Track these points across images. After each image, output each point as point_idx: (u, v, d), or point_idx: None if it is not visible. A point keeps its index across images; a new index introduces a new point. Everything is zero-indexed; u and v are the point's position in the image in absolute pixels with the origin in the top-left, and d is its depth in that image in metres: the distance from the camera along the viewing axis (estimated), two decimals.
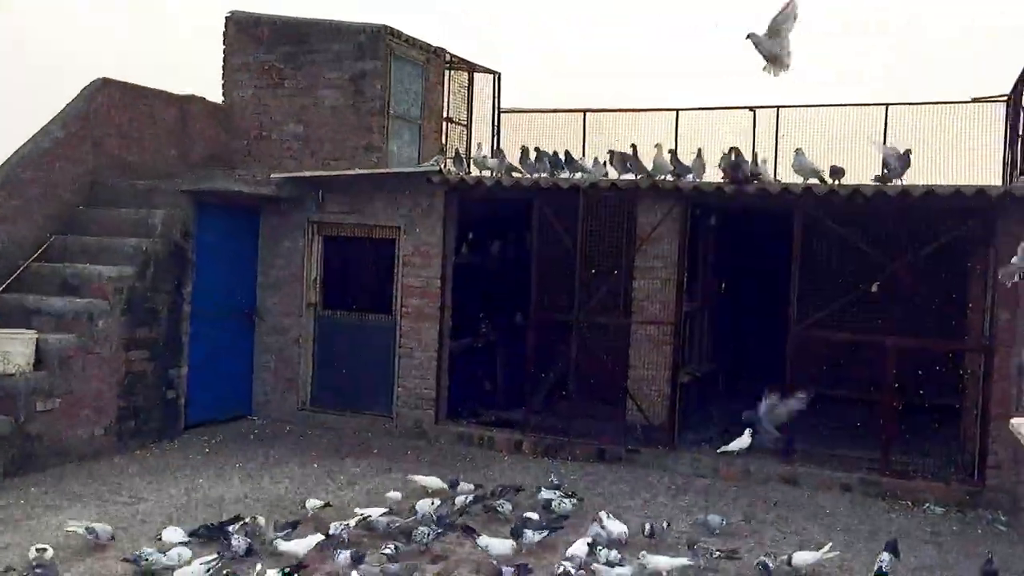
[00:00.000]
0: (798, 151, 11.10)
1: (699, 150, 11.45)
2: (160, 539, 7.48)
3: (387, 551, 7.28)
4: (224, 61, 13.74)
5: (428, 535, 7.68)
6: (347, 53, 13.04)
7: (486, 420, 12.54)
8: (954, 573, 7.86)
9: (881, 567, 7.30)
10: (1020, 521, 9.32)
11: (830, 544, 7.93)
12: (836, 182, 10.64)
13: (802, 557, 7.56)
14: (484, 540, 7.47)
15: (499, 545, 7.40)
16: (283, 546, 7.22)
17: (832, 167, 10.77)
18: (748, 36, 7.71)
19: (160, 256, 11.23)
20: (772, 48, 7.85)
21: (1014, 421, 5.39)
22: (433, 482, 9.22)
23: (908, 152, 10.66)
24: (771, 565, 7.37)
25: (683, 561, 7.32)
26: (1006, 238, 10.05)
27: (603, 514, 8.17)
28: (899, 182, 10.55)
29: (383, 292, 12.50)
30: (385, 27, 13.04)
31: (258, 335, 12.84)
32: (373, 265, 12.88)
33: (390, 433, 12.09)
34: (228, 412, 12.45)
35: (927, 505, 9.87)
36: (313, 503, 8.49)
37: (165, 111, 12.95)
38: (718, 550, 7.71)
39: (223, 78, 13.76)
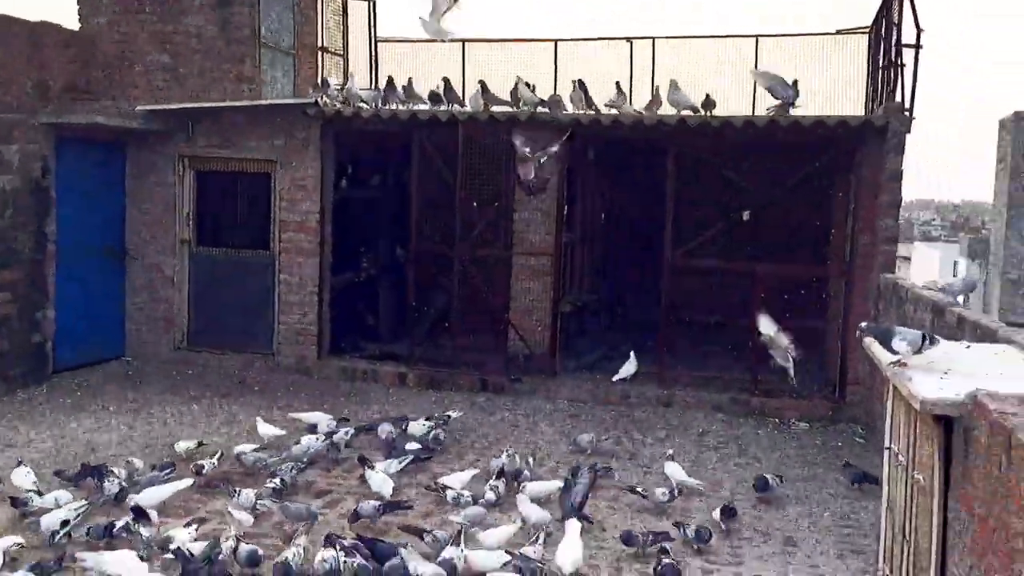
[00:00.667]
0: (673, 83, 11.27)
1: (578, 81, 11.46)
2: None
3: (272, 485, 7.29)
4: None
5: (292, 470, 7.67)
6: None
7: (370, 354, 12.52)
8: (818, 481, 8.35)
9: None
10: (875, 432, 9.95)
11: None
12: (708, 113, 10.86)
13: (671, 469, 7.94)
14: (370, 474, 7.49)
15: (379, 480, 7.40)
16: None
17: (705, 98, 10.96)
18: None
19: (18, 193, 10.66)
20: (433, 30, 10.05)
21: (867, 339, 5.70)
22: (312, 417, 9.14)
23: (796, 81, 10.89)
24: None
25: (556, 484, 7.43)
26: (867, 166, 10.54)
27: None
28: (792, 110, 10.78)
29: (261, 227, 12.22)
30: None
31: (129, 274, 12.41)
32: (249, 200, 12.55)
33: (272, 370, 11.95)
34: (100, 354, 12.05)
35: (792, 421, 10.43)
36: (184, 444, 8.30)
37: (15, 39, 12.11)
38: (598, 468, 7.93)
39: (78, 3, 12.96)
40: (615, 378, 10.86)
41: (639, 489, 7.58)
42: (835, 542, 6.91)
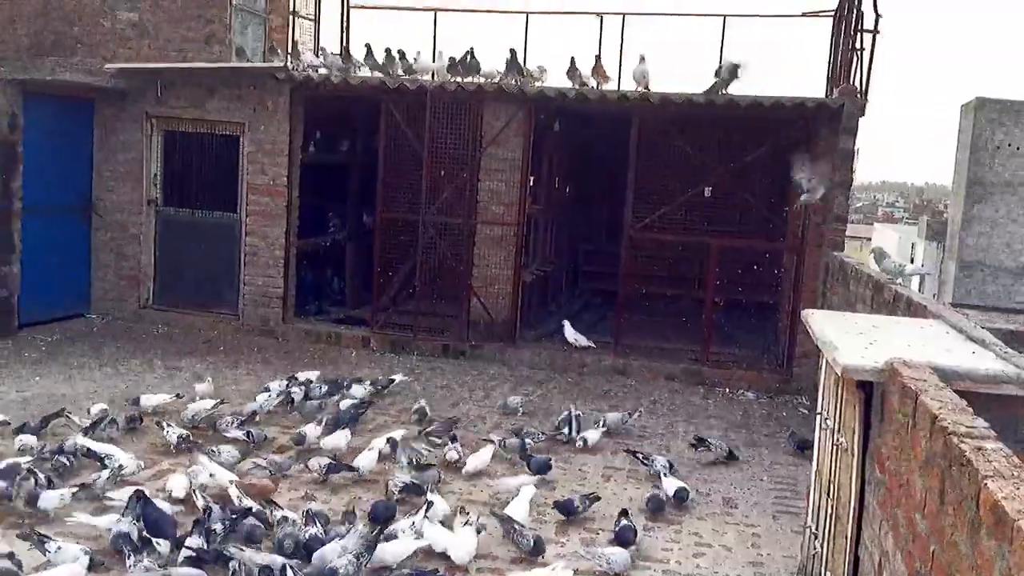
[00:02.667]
0: (641, 58, 11.46)
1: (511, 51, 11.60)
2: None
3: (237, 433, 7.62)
4: None
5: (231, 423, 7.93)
6: None
7: (335, 318, 12.73)
8: (760, 448, 8.72)
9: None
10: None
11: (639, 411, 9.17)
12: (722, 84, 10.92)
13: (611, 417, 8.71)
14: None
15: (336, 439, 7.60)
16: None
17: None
18: None
19: None
20: None
21: (805, 311, 6.03)
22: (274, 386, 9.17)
23: (736, 66, 11.10)
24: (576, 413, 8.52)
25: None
26: (821, 146, 10.87)
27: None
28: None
29: (228, 190, 12.33)
30: None
31: (96, 231, 12.49)
32: (217, 162, 12.64)
33: (237, 331, 12.12)
34: (65, 311, 12.15)
35: (741, 392, 10.81)
36: (149, 399, 8.48)
37: None
38: (542, 433, 8.28)
39: None
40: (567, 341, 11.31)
41: (639, 456, 7.83)
42: (772, 503, 7.28)
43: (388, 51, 11.79)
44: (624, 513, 6.37)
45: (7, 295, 11.21)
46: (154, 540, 5.37)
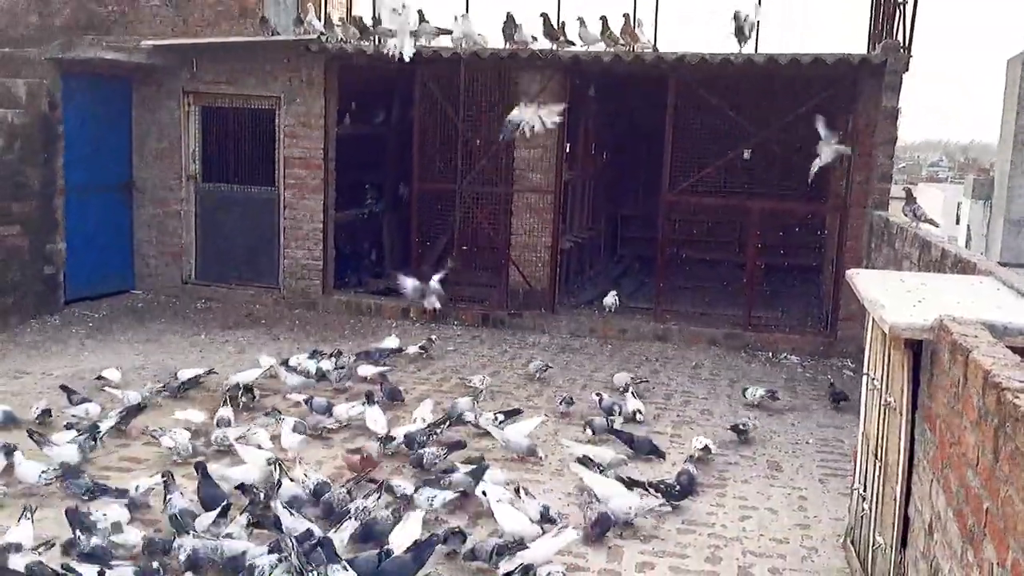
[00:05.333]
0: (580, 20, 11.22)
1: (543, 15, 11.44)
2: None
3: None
4: None
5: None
6: None
7: (374, 289, 12.78)
8: (806, 411, 8.63)
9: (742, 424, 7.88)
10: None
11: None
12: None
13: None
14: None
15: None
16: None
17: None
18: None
19: (27, 128, 10.82)
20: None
21: (850, 271, 5.91)
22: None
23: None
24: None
25: (536, 420, 7.53)
26: (864, 104, 10.64)
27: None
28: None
29: (266, 164, 12.38)
30: None
31: (137, 208, 12.62)
32: (254, 136, 12.68)
33: (278, 304, 12.22)
34: (110, 287, 12.32)
35: (783, 355, 10.69)
36: (187, 372, 8.56)
37: None
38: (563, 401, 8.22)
39: None
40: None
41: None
42: (817, 466, 7.21)
43: (420, 13, 11.64)
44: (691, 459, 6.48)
45: (53, 272, 11.38)
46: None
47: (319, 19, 12.04)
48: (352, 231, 13.41)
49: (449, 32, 11.55)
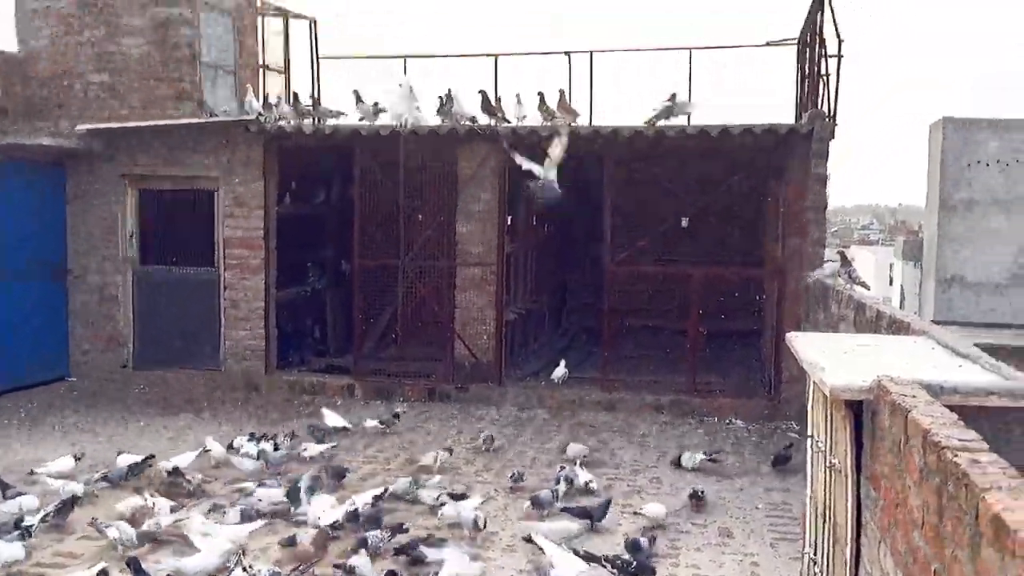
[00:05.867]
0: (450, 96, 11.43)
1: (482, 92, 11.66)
2: None
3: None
4: (16, 7, 12.89)
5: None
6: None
7: (318, 367, 12.63)
8: (754, 475, 8.65)
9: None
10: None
11: None
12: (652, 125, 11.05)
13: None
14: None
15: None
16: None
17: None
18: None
19: None
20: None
21: (789, 335, 6.01)
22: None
23: (674, 95, 11.22)
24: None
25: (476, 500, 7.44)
26: (794, 171, 10.95)
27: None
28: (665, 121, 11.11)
29: (205, 244, 12.27)
30: None
31: (72, 294, 12.38)
32: (193, 217, 12.59)
33: (220, 387, 11.99)
34: (44, 375, 11.99)
35: (729, 420, 10.76)
36: (127, 458, 8.30)
37: None
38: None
39: (17, 26, 12.92)
40: (548, 378, 11.27)
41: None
42: (768, 531, 7.21)
43: (356, 93, 11.79)
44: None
45: None
46: None
47: (257, 99, 12.10)
48: (295, 309, 13.29)
49: (383, 110, 11.67)
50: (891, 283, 36.79)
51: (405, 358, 11.88)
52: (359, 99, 11.80)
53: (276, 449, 8.64)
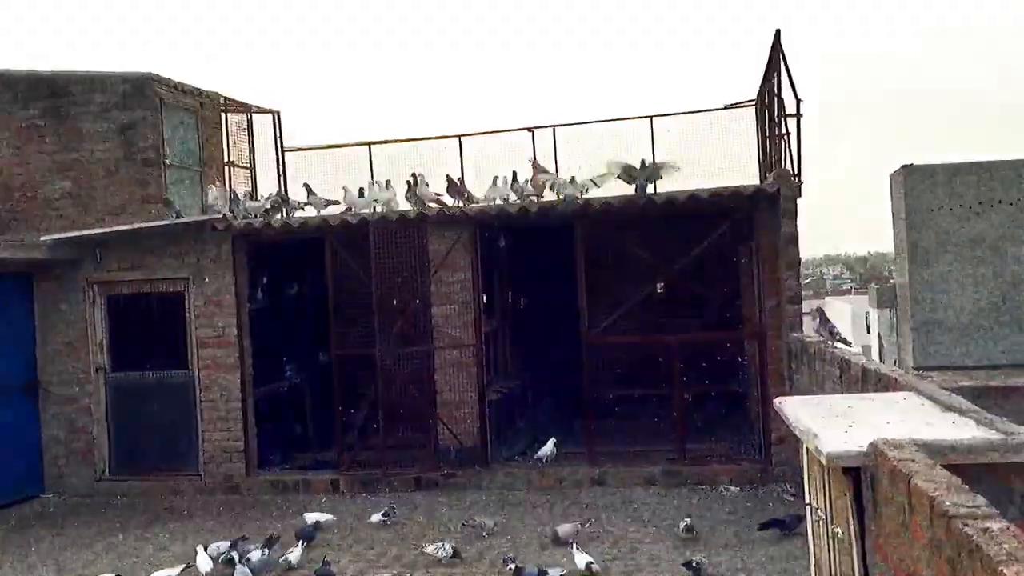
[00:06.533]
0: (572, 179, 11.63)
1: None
2: None
3: None
4: None
5: None
6: (112, 104, 12.54)
7: (300, 464, 12.35)
8: (752, 544, 8.46)
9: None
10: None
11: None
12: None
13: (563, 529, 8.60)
14: None
15: None
16: None
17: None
18: None
19: None
20: None
21: (777, 400, 5.92)
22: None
23: (643, 161, 11.39)
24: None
25: None
26: (764, 231, 11.00)
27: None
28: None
29: (178, 347, 12.07)
30: (150, 75, 12.63)
31: (43, 407, 12.09)
32: (164, 320, 12.41)
33: (200, 491, 11.67)
34: (17, 494, 11.63)
35: (722, 487, 10.58)
36: None
37: None
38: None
39: None
40: (533, 457, 11.15)
41: None
42: None
43: (308, 186, 11.92)
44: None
45: None
46: None
47: (223, 197, 12.06)
48: (274, 405, 13.06)
49: (337, 202, 11.75)
50: (868, 331, 36.91)
51: (389, 447, 11.64)
52: (310, 191, 11.95)
53: (264, 555, 8.34)
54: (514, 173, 11.55)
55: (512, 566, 7.65)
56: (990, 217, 22.00)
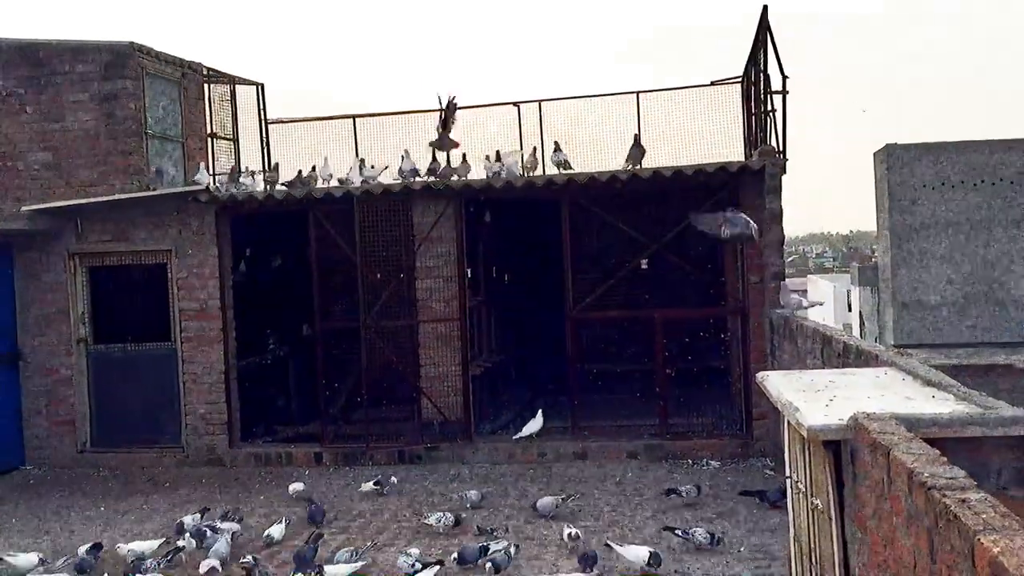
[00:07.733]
0: (556, 145, 11.64)
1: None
2: None
3: None
4: None
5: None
6: (93, 74, 12.36)
7: (283, 437, 12.35)
8: (734, 517, 8.54)
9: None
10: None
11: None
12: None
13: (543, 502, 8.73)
14: None
15: None
16: None
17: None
18: None
19: None
20: None
21: (759, 375, 5.96)
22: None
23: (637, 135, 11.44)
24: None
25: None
26: (748, 208, 11.01)
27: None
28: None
29: (161, 319, 12.01)
30: (133, 44, 12.46)
31: (24, 378, 12.02)
32: (146, 292, 12.34)
33: (183, 464, 11.66)
34: None
35: (704, 461, 10.67)
36: (83, 548, 7.99)
37: None
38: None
39: None
40: (516, 436, 11.13)
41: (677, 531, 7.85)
42: (753, 575, 7.08)
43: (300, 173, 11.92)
44: None
45: None
46: None
47: (208, 171, 11.98)
48: (257, 378, 13.02)
49: (308, 181, 11.79)
50: (850, 309, 37.19)
51: (373, 420, 11.65)
52: (275, 169, 11.92)
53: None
54: (498, 152, 11.52)
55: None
56: (972, 197, 22.04)
